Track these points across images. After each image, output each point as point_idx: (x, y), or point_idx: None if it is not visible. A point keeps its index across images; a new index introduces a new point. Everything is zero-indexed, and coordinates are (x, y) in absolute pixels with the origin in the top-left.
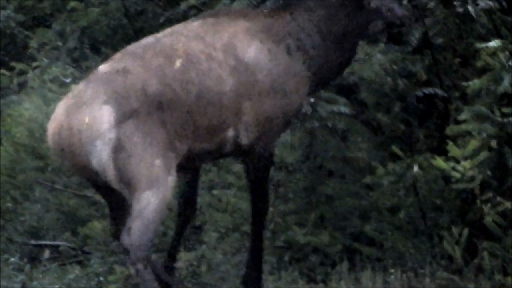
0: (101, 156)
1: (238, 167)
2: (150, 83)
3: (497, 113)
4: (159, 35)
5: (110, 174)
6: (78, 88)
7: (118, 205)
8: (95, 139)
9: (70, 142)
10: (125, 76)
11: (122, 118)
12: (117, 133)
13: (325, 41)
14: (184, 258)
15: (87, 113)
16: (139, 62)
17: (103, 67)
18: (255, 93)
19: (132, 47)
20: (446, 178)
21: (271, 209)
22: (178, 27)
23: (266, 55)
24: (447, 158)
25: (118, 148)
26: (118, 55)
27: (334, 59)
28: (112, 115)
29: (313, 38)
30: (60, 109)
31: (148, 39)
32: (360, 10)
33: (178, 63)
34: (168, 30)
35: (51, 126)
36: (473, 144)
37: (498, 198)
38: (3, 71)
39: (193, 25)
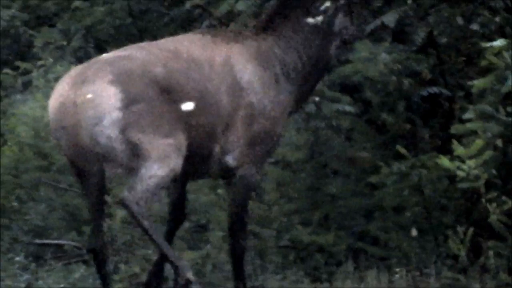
0: (108, 132)
1: None
2: (155, 68)
3: (502, 112)
4: (161, 40)
5: (118, 149)
6: (80, 67)
7: (98, 209)
8: (102, 116)
9: (74, 118)
10: (130, 61)
11: (128, 100)
12: (124, 114)
13: (304, 66)
14: (188, 257)
15: (93, 90)
16: (144, 52)
17: (106, 55)
18: (246, 114)
19: (135, 44)
20: (451, 177)
21: (275, 208)
22: (177, 37)
23: (258, 81)
24: (452, 157)
25: (126, 127)
26: (121, 49)
27: (310, 84)
28: (119, 95)
29: (295, 63)
30: (64, 85)
31: (144, 43)
32: (328, 34)
33: (190, 105)
34: (168, 38)
35: (54, 101)
36: (478, 143)
37: (503, 197)
38: (7, 70)
39: (193, 37)
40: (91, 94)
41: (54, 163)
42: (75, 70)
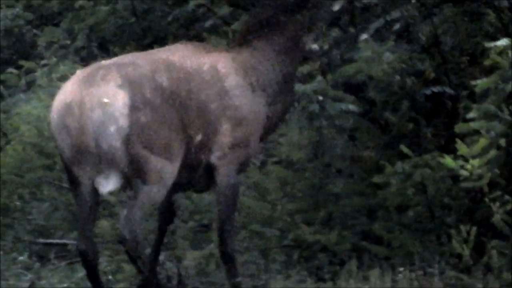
0: (111, 139)
1: None
2: (160, 74)
3: (506, 111)
4: (151, 51)
5: (118, 158)
6: (86, 70)
7: (89, 213)
8: (108, 120)
9: (80, 119)
10: (137, 67)
11: (136, 106)
12: (131, 120)
13: (277, 81)
14: (192, 257)
15: (101, 93)
16: (144, 60)
17: (108, 61)
18: (231, 117)
19: (128, 54)
20: (454, 177)
21: (279, 207)
22: (164, 48)
23: (239, 88)
24: (456, 157)
25: (130, 134)
26: (118, 57)
27: (281, 103)
28: (127, 100)
29: (269, 76)
30: (70, 86)
31: (140, 52)
32: (295, 51)
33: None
34: (155, 49)
35: (59, 101)
36: (482, 142)
37: (506, 197)
38: (11, 69)
39: (179, 47)
40: (100, 97)
41: (57, 163)
42: (82, 72)
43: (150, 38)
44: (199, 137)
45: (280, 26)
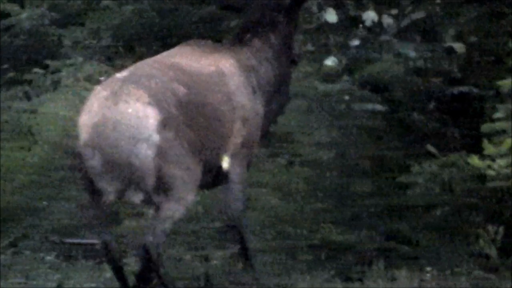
0: (144, 156)
1: (271, 165)
2: (177, 86)
3: None
4: (157, 57)
5: (148, 175)
6: (107, 87)
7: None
8: (140, 137)
9: (112, 137)
10: (156, 82)
11: (164, 122)
12: (161, 137)
13: (275, 81)
14: (218, 256)
15: (132, 111)
16: (159, 71)
17: (123, 73)
18: (240, 116)
19: (139, 63)
20: (481, 177)
21: (305, 207)
22: (169, 52)
23: (243, 88)
24: (482, 157)
25: (160, 152)
26: (131, 68)
27: (276, 103)
28: (157, 117)
29: (268, 77)
30: (97, 103)
31: (148, 59)
32: (291, 52)
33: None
34: (160, 55)
35: (88, 119)
36: (508, 142)
37: None
38: (36, 69)
39: (184, 50)
40: (130, 114)
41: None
42: (103, 90)
43: (175, 38)
44: (215, 143)
45: (277, 26)
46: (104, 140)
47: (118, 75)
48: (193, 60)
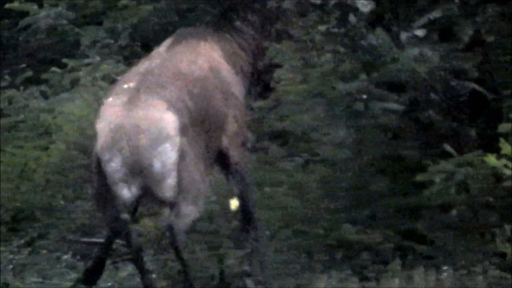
0: (167, 157)
1: (288, 165)
2: (186, 98)
3: None
4: (152, 61)
5: (171, 178)
6: (120, 95)
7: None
8: (163, 140)
9: (134, 140)
10: (169, 91)
11: (181, 129)
12: (181, 141)
13: (252, 68)
14: (234, 256)
15: (153, 116)
16: (166, 77)
17: (130, 84)
18: (234, 103)
19: (135, 69)
20: (498, 176)
21: (321, 206)
22: (160, 52)
23: (231, 74)
24: (499, 156)
25: (181, 155)
26: (131, 73)
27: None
28: (177, 122)
29: (248, 62)
30: (114, 110)
31: (145, 64)
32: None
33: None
34: (152, 56)
35: (107, 124)
36: None
37: None
38: (54, 68)
39: (178, 49)
40: (152, 119)
41: None
42: (116, 98)
43: None
44: (216, 133)
45: (257, 8)
46: (126, 142)
47: (127, 85)
48: (190, 62)
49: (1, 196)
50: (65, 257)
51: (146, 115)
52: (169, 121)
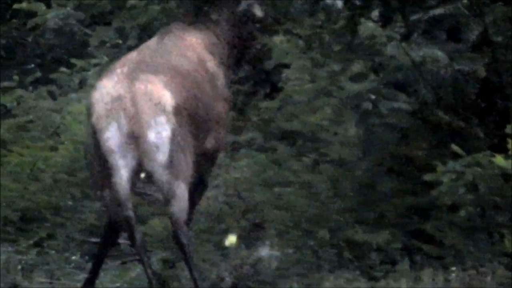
0: (161, 131)
1: (298, 164)
2: (178, 86)
3: None
4: (142, 53)
5: (163, 152)
6: (121, 66)
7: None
8: (159, 114)
9: (131, 110)
10: (161, 75)
11: (177, 106)
12: (176, 117)
13: (231, 57)
14: (243, 256)
15: (151, 89)
16: (158, 67)
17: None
18: (220, 96)
19: (131, 57)
20: (506, 176)
21: (330, 206)
22: (151, 46)
23: (217, 68)
24: (507, 156)
25: (174, 131)
26: (126, 62)
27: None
28: (173, 99)
29: (228, 55)
30: (112, 82)
31: (133, 54)
32: (250, 24)
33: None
34: (141, 49)
35: (104, 94)
36: None
37: None
38: (62, 68)
39: (167, 44)
40: (150, 91)
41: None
42: (118, 68)
43: None
44: (205, 126)
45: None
46: (123, 112)
47: (122, 67)
48: (180, 55)
49: (10, 196)
50: (74, 257)
51: (144, 88)
52: (166, 96)
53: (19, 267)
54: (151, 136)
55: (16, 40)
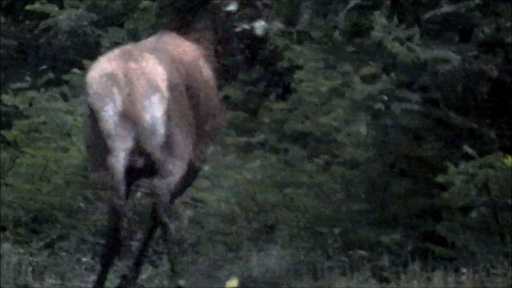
0: (156, 108)
1: (310, 166)
2: (177, 67)
3: None
4: (143, 45)
5: (158, 131)
6: (118, 50)
7: (119, 183)
8: (152, 90)
9: (126, 88)
10: (160, 54)
11: (171, 83)
12: (170, 94)
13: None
14: (255, 258)
15: (144, 67)
16: (156, 53)
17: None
18: (213, 107)
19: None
20: None
21: (342, 207)
22: (149, 40)
23: (213, 82)
24: None
25: (169, 108)
26: (122, 49)
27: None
28: (166, 76)
29: (213, 62)
30: (107, 61)
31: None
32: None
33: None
34: (143, 42)
35: (100, 71)
36: None
37: None
38: (75, 70)
39: (163, 39)
40: (143, 69)
41: None
42: (111, 53)
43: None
44: (200, 123)
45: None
46: (118, 91)
47: (116, 51)
48: (179, 47)
49: (22, 197)
50: (85, 259)
51: (138, 66)
52: (159, 73)
53: (31, 268)
54: (146, 117)
55: (29, 42)
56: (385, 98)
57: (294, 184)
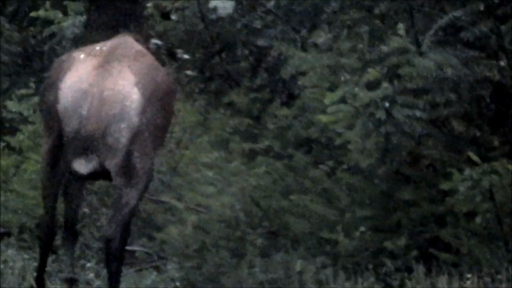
0: (121, 134)
1: (315, 172)
2: (149, 79)
3: None
4: (106, 48)
5: (119, 153)
6: (96, 58)
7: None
8: (122, 116)
9: (95, 109)
10: (140, 66)
11: (143, 107)
12: (139, 121)
13: None
14: (260, 263)
15: (119, 89)
16: (130, 54)
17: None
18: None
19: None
20: None
21: (347, 214)
22: (114, 44)
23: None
24: None
25: (135, 135)
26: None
27: None
28: (140, 100)
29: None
30: (85, 73)
31: (98, 46)
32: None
33: None
34: (109, 43)
35: (74, 85)
36: None
37: None
38: None
39: (127, 42)
40: (117, 92)
41: None
42: (90, 58)
43: (218, 45)
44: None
45: (134, 17)
46: (87, 109)
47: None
48: (143, 54)
49: (26, 203)
50: (89, 264)
51: (114, 85)
52: (134, 98)
53: (35, 274)
54: (111, 138)
55: (33, 48)
56: (387, 104)
57: (298, 190)
